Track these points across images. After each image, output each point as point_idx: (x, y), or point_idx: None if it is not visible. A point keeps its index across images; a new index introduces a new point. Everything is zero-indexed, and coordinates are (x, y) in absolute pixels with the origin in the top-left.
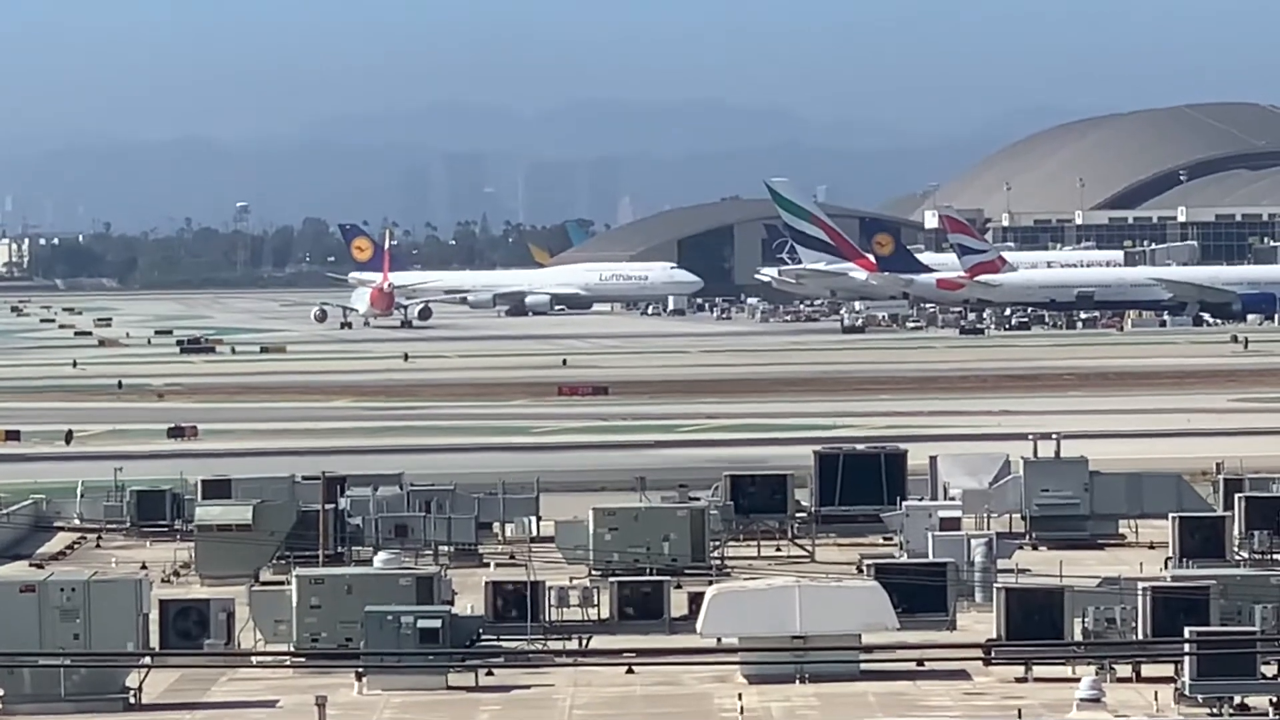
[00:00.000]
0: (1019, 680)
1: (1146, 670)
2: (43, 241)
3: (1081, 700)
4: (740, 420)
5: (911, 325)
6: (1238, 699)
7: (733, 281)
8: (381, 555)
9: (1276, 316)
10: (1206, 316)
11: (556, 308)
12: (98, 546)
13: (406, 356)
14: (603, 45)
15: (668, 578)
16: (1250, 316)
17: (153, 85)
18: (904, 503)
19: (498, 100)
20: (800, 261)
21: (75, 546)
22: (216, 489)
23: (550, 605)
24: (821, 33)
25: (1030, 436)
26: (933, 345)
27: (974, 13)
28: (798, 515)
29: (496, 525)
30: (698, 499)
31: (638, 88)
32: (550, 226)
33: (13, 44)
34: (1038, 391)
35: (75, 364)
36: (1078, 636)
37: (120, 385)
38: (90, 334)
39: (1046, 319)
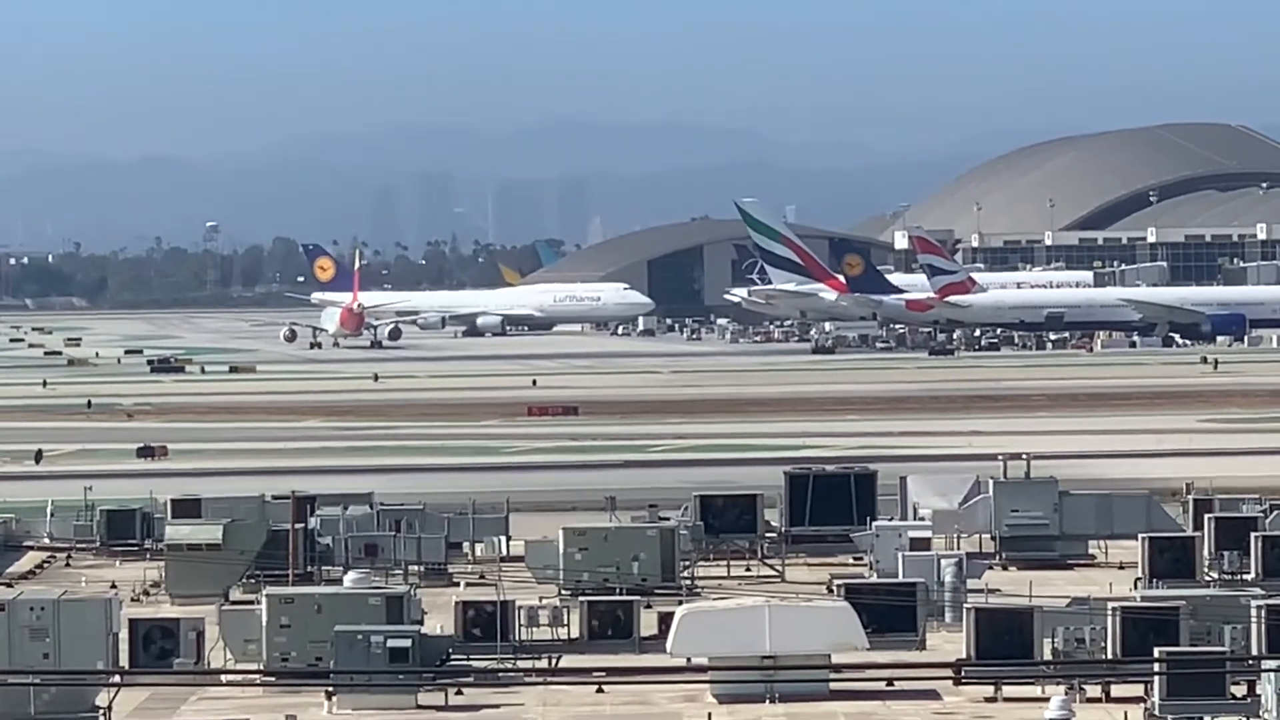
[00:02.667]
0: (989, 700)
1: (1116, 690)
2: (12, 261)
3: None
4: (710, 441)
5: (881, 346)
6: (1207, 719)
7: (702, 302)
8: (351, 575)
9: (1246, 337)
10: (1176, 337)
11: (519, 328)
12: (67, 565)
13: (376, 377)
14: (572, 66)
15: (638, 597)
16: (1220, 337)
17: (122, 105)
18: (874, 523)
19: (467, 120)
20: (770, 282)
21: (45, 565)
22: (186, 508)
23: (520, 624)
24: (791, 53)
25: (1000, 457)
26: (902, 366)
27: (944, 33)
28: (768, 535)
29: (466, 545)
30: (668, 519)
31: (607, 108)
32: (520, 246)
33: None
34: (1007, 412)
35: (45, 383)
36: (1047, 656)
37: (90, 405)
38: (60, 353)
39: (1016, 340)
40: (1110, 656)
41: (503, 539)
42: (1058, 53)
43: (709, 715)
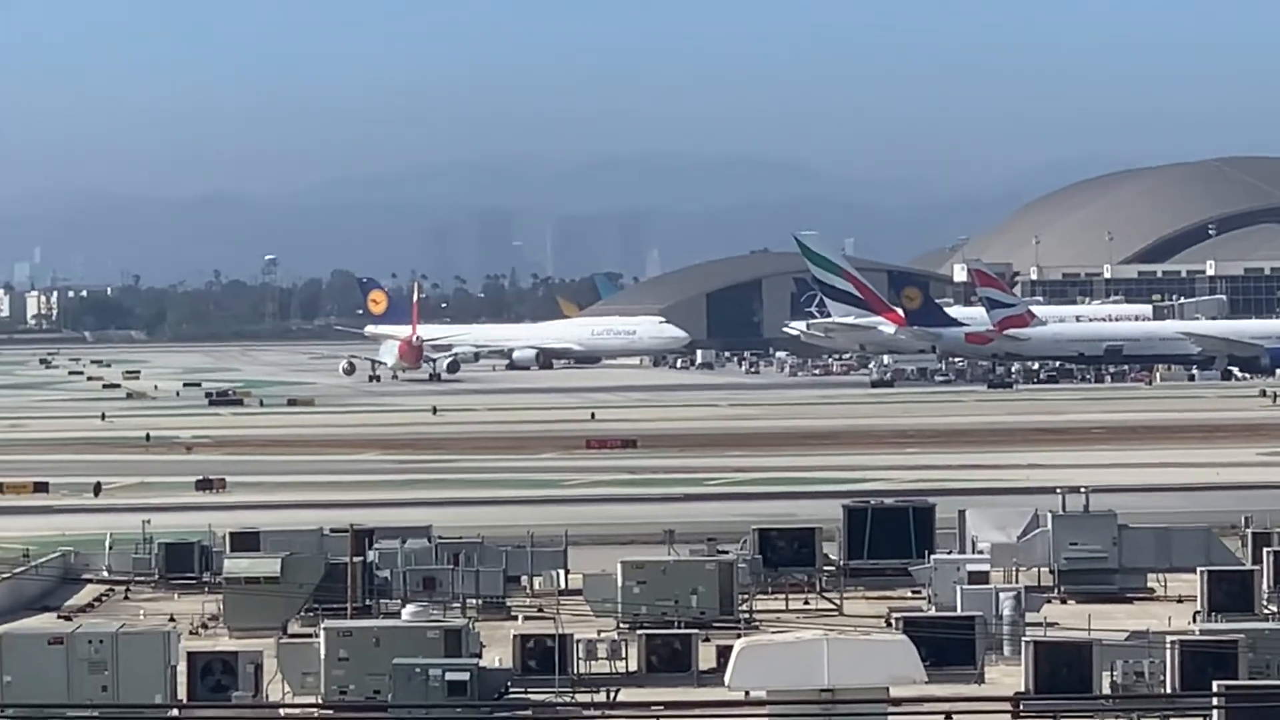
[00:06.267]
0: None
1: None
2: (71, 294)
3: None
4: (769, 474)
5: (940, 379)
6: None
7: (761, 335)
8: (410, 608)
9: None
10: (1235, 370)
11: (562, 361)
12: (126, 599)
13: (435, 410)
14: (631, 102)
15: (696, 631)
16: (1279, 370)
17: (183, 142)
18: (932, 556)
19: (526, 155)
20: (829, 315)
21: (104, 599)
22: (245, 541)
23: (578, 658)
24: (850, 90)
25: (1059, 490)
26: (961, 399)
27: (1001, 70)
28: (826, 568)
29: (525, 578)
30: (726, 552)
31: (666, 143)
32: (579, 280)
33: (42, 98)
34: (1066, 445)
35: (104, 416)
36: (1106, 690)
37: (148, 438)
38: (119, 386)
39: (1075, 373)
40: (1169, 690)
41: (561, 572)
42: (1116, 87)
43: None
